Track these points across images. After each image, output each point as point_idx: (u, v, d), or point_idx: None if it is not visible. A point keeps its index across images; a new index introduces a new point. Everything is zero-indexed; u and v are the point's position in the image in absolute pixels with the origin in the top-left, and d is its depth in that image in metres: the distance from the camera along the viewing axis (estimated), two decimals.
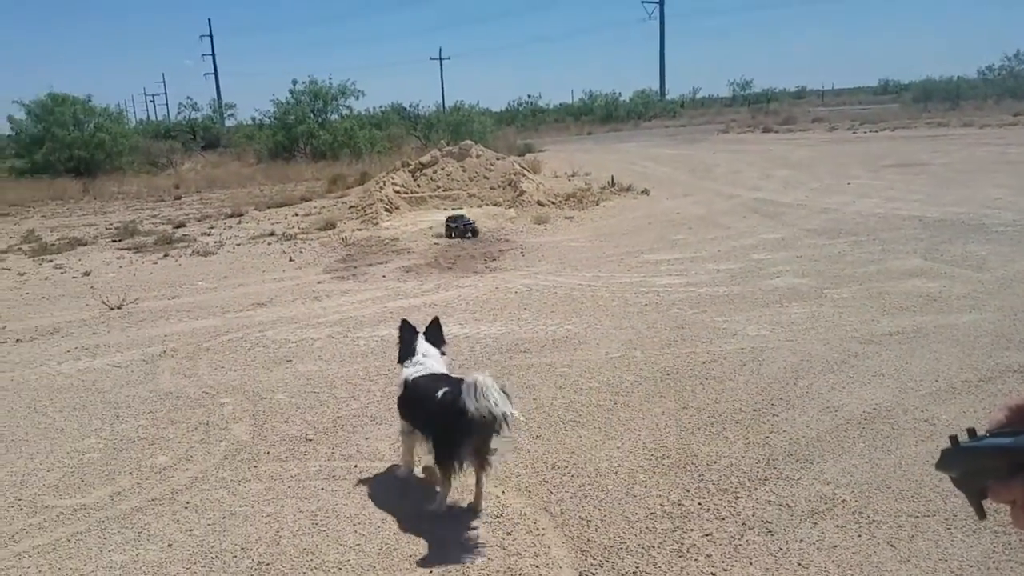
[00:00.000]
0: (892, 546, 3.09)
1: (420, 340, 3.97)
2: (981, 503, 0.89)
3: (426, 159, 15.68)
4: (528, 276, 8.46)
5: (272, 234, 12.52)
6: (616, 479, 3.79)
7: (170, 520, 3.63)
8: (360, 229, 12.55)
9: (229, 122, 51.59)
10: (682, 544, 3.20)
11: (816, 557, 3.05)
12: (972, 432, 0.90)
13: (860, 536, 3.17)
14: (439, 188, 14.90)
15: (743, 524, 3.32)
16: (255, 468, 4.14)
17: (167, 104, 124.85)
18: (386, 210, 13.69)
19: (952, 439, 0.91)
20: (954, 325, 5.80)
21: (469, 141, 16.76)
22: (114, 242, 12.61)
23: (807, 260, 8.34)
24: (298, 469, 4.10)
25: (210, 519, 3.62)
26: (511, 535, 3.35)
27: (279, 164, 26.08)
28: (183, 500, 3.82)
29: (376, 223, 12.89)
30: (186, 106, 47.52)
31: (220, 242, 12.05)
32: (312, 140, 27.58)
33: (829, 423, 4.26)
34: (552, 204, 13.78)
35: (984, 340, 5.44)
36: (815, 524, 3.28)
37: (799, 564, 3.01)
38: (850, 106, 57.13)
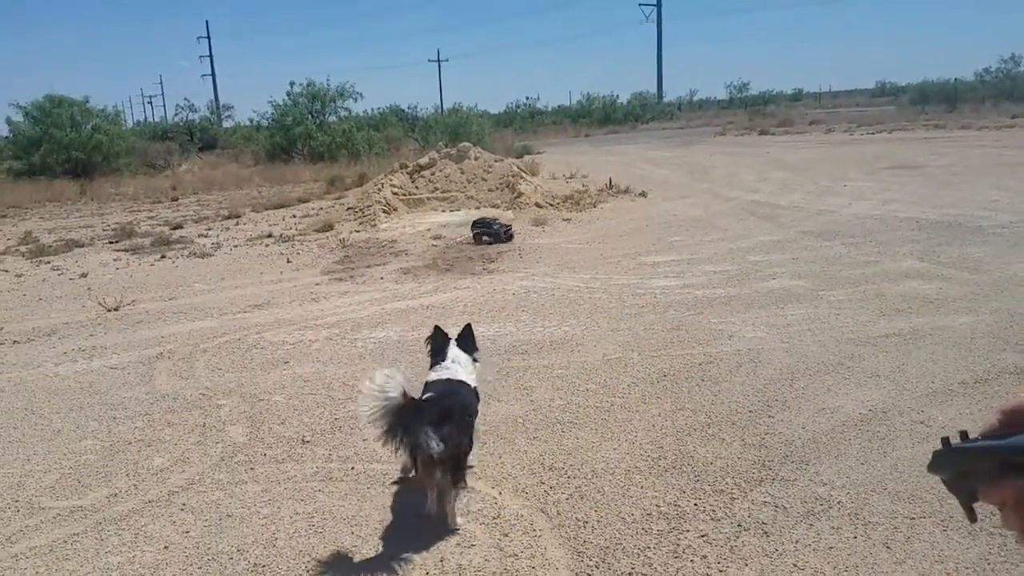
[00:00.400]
0: (888, 548, 3.10)
1: (452, 346, 3.91)
2: (972, 505, 0.89)
3: (424, 161, 15.69)
4: (526, 278, 8.46)
5: (270, 236, 12.52)
6: (613, 480, 3.79)
7: (167, 522, 3.63)
8: (358, 231, 12.55)
9: (227, 123, 51.77)
10: (678, 545, 3.20)
11: (812, 559, 3.05)
12: (964, 435, 0.90)
13: (856, 538, 3.18)
14: (437, 190, 14.91)
15: (739, 525, 3.32)
16: (252, 470, 4.14)
17: (164, 105, 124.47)
18: (384, 212, 13.69)
19: (944, 441, 0.92)
20: (950, 327, 5.82)
21: (467, 143, 16.77)
22: (111, 243, 12.61)
23: (803, 262, 8.36)
24: (295, 471, 4.10)
25: (207, 521, 3.62)
26: (508, 536, 3.35)
27: (277, 166, 26.10)
28: (180, 502, 3.82)
29: (374, 225, 12.90)
30: (183, 107, 47.61)
31: (217, 244, 12.04)
32: (310, 142, 27.60)
33: (825, 425, 4.27)
34: (550, 206, 13.80)
35: (980, 342, 5.45)
36: (811, 525, 3.29)
37: (795, 566, 3.01)
38: (847, 108, 57.27)
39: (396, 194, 14.63)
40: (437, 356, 3.90)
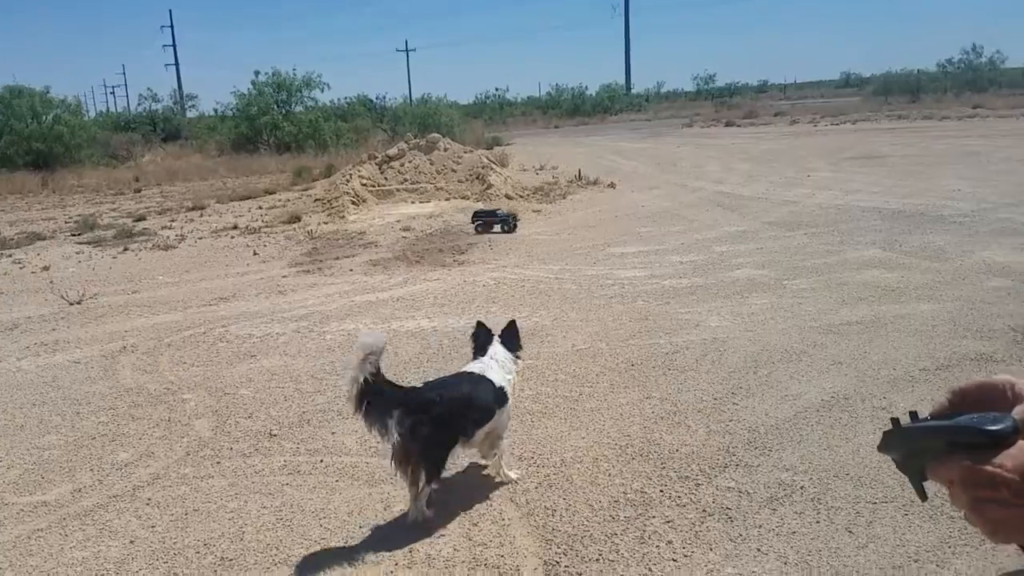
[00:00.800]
0: (850, 532, 3.16)
1: (495, 343, 3.83)
2: (922, 485, 0.91)
3: (393, 152, 15.59)
4: (496, 269, 8.47)
5: (235, 227, 12.36)
6: (581, 469, 3.83)
7: (132, 517, 3.59)
8: (326, 222, 12.45)
9: (190, 113, 50.94)
10: (644, 531, 3.24)
11: (775, 543, 3.11)
12: (914, 415, 0.92)
13: (819, 522, 3.24)
14: (406, 181, 14.83)
15: (704, 511, 3.37)
16: (218, 464, 4.10)
17: (127, 96, 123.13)
18: (353, 203, 13.60)
19: (893, 421, 0.94)
20: (912, 314, 5.93)
21: (436, 134, 16.71)
22: (73, 236, 12.37)
23: (767, 252, 8.46)
24: (262, 465, 4.08)
25: (172, 515, 3.59)
26: (477, 526, 3.36)
27: (242, 156, 25.76)
28: (145, 496, 3.78)
29: (343, 216, 12.80)
30: (146, 97, 46.54)
31: (181, 236, 11.87)
32: (276, 132, 27.27)
33: (788, 411, 4.34)
34: (520, 197, 13.80)
35: (942, 329, 5.56)
36: (774, 511, 3.34)
37: (758, 550, 3.07)
38: (812, 99, 57.93)
39: (365, 185, 14.53)
40: (479, 352, 3.84)
